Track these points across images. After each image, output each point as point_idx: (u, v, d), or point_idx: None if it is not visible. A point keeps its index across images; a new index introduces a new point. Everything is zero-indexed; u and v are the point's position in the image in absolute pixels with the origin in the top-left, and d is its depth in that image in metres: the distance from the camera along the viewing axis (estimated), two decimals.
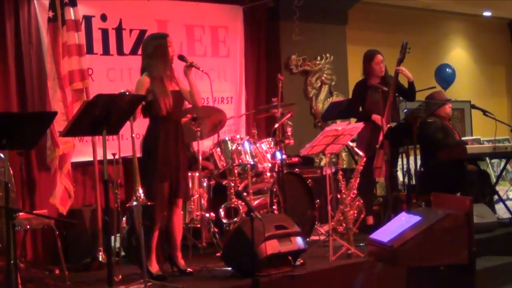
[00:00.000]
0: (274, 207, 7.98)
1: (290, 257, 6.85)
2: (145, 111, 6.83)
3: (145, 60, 6.95)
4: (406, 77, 8.69)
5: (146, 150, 6.84)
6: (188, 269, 6.97)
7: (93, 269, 7.59)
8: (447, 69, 13.31)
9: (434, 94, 9.32)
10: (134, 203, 6.26)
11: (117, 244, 7.60)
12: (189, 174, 7.91)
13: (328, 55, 11.21)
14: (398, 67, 8.56)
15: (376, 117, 8.49)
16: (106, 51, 8.82)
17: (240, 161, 7.99)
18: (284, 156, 8.08)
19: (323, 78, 11.17)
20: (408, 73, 8.64)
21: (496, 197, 9.69)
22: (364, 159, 7.87)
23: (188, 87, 7.01)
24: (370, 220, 8.72)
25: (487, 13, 14.13)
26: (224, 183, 8.22)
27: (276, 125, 8.14)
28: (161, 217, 6.83)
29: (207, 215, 7.85)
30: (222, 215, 7.85)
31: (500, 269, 7.93)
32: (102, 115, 5.78)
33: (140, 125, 7.13)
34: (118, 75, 8.91)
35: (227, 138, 8.17)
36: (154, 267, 6.78)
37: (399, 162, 9.52)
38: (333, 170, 8.31)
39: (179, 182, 6.93)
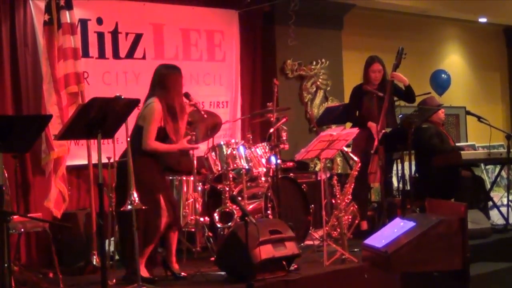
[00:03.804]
0: (268, 211, 7.98)
1: (284, 262, 6.85)
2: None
3: (157, 89, 6.90)
4: (402, 82, 8.72)
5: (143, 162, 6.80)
6: (182, 273, 6.97)
7: (87, 272, 7.58)
8: (443, 75, 13.32)
9: (427, 100, 9.34)
10: (129, 207, 6.26)
11: (111, 248, 7.60)
12: (184, 178, 7.94)
13: (323, 60, 11.21)
14: (392, 74, 8.60)
15: (371, 125, 8.51)
16: (101, 55, 8.80)
17: (235, 165, 7.99)
18: (279, 161, 8.09)
19: (318, 83, 11.18)
20: (402, 78, 8.67)
21: (490, 203, 9.69)
22: (359, 164, 7.87)
23: None
24: (365, 225, 8.73)
25: (482, 19, 14.15)
26: (219, 188, 8.21)
27: (271, 130, 8.15)
28: (159, 225, 6.83)
29: (202, 219, 7.85)
30: (217, 220, 7.84)
31: (494, 275, 7.93)
32: (97, 119, 5.78)
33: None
34: (114, 78, 8.90)
35: (222, 143, 8.16)
36: (143, 271, 6.77)
37: (394, 168, 9.53)
38: (328, 175, 8.32)
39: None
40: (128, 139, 6.45)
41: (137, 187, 6.37)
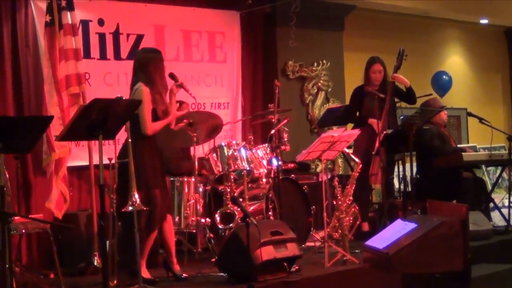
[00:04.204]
0: (269, 213, 7.98)
1: (285, 263, 6.85)
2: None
3: (139, 73, 6.90)
4: (403, 83, 8.72)
5: (134, 158, 6.78)
6: (184, 274, 6.97)
7: (88, 273, 7.58)
8: (444, 77, 13.33)
9: (430, 101, 9.33)
10: (130, 208, 6.26)
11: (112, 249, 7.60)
12: (185, 179, 7.94)
13: (324, 61, 11.22)
14: (392, 75, 8.60)
15: (372, 121, 8.50)
16: (103, 56, 8.81)
17: (236, 166, 7.99)
18: (280, 162, 8.09)
19: (319, 84, 11.18)
20: (403, 79, 8.67)
21: (491, 204, 9.69)
22: (360, 165, 7.87)
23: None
24: (366, 226, 8.72)
25: (484, 21, 14.15)
26: (220, 189, 8.21)
27: (273, 131, 8.14)
28: (157, 224, 6.83)
29: (203, 220, 7.84)
30: (218, 221, 7.84)
31: (496, 276, 7.92)
32: (98, 120, 5.77)
33: None
34: (115, 79, 8.90)
35: (223, 144, 8.17)
36: (144, 272, 6.77)
37: (395, 169, 9.53)
38: (329, 177, 8.32)
39: (167, 188, 7.11)
40: (129, 140, 6.46)
41: (138, 176, 6.44)
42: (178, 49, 9.48)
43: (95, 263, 7.62)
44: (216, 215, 7.86)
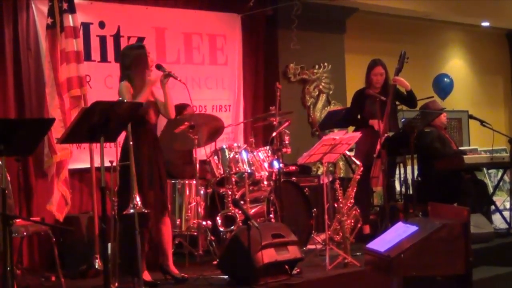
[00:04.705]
0: (271, 215, 7.97)
1: (286, 266, 6.85)
2: None
3: (125, 71, 6.94)
4: (403, 87, 8.72)
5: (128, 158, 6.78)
6: (182, 275, 6.96)
7: (90, 276, 7.57)
8: (445, 79, 13.32)
9: (429, 104, 9.35)
10: (131, 210, 6.26)
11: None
12: (187, 182, 7.94)
13: (326, 64, 11.22)
14: (394, 78, 8.60)
15: (373, 122, 8.50)
16: (104, 58, 8.82)
17: (237, 169, 7.99)
18: (281, 165, 8.08)
19: (321, 86, 11.18)
20: (404, 82, 8.67)
21: (493, 207, 9.69)
22: (361, 168, 7.87)
23: (163, 98, 7.00)
24: (367, 229, 8.72)
25: (485, 24, 14.15)
26: (221, 191, 8.21)
27: (274, 134, 8.14)
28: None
29: (204, 223, 7.83)
30: (219, 223, 7.84)
31: (497, 279, 7.92)
32: (99, 122, 5.77)
33: None
34: (116, 82, 8.83)
35: (224, 146, 8.17)
36: (146, 275, 6.76)
37: (396, 172, 9.52)
38: (330, 179, 8.31)
39: (164, 191, 7.06)
40: (131, 142, 6.46)
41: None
42: (179, 52, 9.48)
43: (97, 266, 7.60)
44: (217, 218, 7.86)
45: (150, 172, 6.82)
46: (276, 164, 8.02)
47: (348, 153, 8.22)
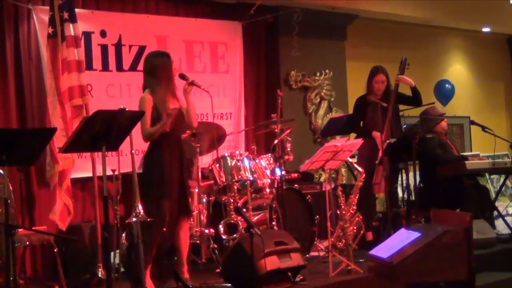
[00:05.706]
0: (273, 223, 7.98)
1: (289, 273, 6.85)
2: None
3: (148, 78, 6.94)
4: (408, 84, 8.69)
5: (150, 167, 6.81)
6: (192, 285, 6.94)
7: (93, 285, 7.57)
8: (446, 85, 13.32)
9: (428, 110, 9.34)
10: (134, 219, 6.27)
11: (117, 260, 7.59)
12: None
13: (327, 71, 11.22)
14: (397, 77, 8.58)
15: (376, 135, 8.50)
16: (105, 67, 8.83)
17: (240, 177, 8.00)
18: (283, 172, 8.08)
19: (322, 93, 11.18)
20: (407, 80, 8.64)
21: (495, 213, 9.67)
22: (364, 175, 7.87)
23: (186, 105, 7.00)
24: (370, 236, 8.70)
25: (486, 29, 14.16)
26: (223, 199, 8.21)
27: (276, 141, 8.14)
28: (160, 234, 6.82)
29: (207, 231, 7.85)
30: (222, 231, 7.84)
31: (500, 285, 7.91)
32: (101, 131, 5.78)
33: (139, 141, 7.11)
34: (117, 91, 8.92)
35: (226, 154, 8.17)
36: (149, 283, 6.76)
37: (399, 178, 9.52)
38: (333, 186, 8.30)
39: (187, 197, 7.01)
40: (132, 151, 6.47)
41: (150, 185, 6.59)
42: (180, 60, 9.48)
43: (99, 275, 7.61)
44: (220, 226, 7.86)
45: (171, 182, 6.81)
46: (278, 172, 8.02)
47: (350, 160, 8.21)
